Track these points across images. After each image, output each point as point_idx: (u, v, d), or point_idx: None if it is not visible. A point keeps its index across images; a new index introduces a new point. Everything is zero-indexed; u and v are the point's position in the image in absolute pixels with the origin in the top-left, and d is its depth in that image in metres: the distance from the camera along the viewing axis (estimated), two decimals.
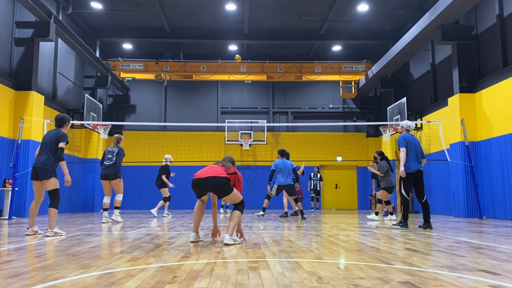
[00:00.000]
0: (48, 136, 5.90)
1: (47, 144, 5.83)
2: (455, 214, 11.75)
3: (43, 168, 5.71)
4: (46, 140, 5.87)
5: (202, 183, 4.85)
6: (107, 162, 8.60)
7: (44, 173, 5.70)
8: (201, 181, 4.84)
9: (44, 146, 5.83)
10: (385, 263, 3.38)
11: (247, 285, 2.57)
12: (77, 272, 2.97)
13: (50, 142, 5.82)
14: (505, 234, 6.16)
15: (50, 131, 5.98)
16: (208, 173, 4.86)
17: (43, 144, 5.87)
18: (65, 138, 5.84)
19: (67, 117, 6.12)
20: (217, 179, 4.82)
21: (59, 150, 5.78)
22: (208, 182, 4.83)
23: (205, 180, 4.84)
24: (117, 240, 5.23)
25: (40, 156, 5.81)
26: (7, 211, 10.34)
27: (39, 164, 5.73)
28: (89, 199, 15.90)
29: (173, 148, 17.83)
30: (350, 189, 19.47)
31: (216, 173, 4.86)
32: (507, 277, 2.83)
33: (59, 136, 5.84)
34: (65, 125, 6.07)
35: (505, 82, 10.53)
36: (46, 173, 5.71)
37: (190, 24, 16.32)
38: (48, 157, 5.77)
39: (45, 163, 5.72)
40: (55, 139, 5.84)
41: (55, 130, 5.96)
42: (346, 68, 18.03)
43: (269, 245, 4.64)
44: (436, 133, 13.21)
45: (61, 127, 6.04)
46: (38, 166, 5.73)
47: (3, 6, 11.24)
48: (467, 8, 10.80)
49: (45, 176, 5.70)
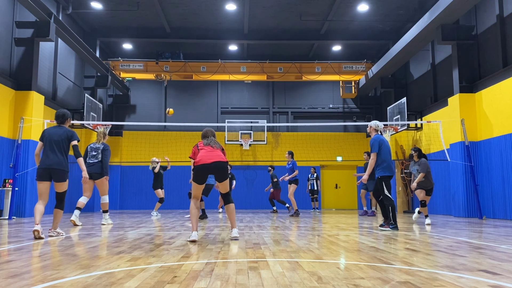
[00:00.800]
0: (56, 135, 5.59)
1: (58, 144, 5.54)
2: (455, 214, 11.75)
3: (60, 169, 5.49)
4: (55, 139, 5.55)
5: (208, 168, 5.04)
6: (91, 160, 7.96)
7: (61, 174, 5.50)
8: (208, 166, 5.02)
9: (55, 146, 5.53)
10: (385, 263, 3.38)
11: (247, 285, 2.57)
12: (77, 272, 2.97)
13: (61, 142, 5.56)
14: (505, 234, 6.16)
15: (54, 129, 5.68)
16: (212, 158, 5.05)
17: (52, 143, 5.54)
18: (77, 136, 5.71)
19: (68, 113, 5.91)
20: (222, 163, 5.08)
21: (75, 148, 5.64)
22: (213, 167, 5.05)
23: (211, 165, 5.04)
24: (117, 240, 5.23)
25: (54, 156, 5.50)
26: (7, 211, 10.34)
27: (55, 165, 5.47)
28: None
29: (173, 148, 17.82)
30: (350, 189, 19.47)
31: (220, 157, 5.09)
32: (507, 277, 2.83)
33: (70, 135, 5.64)
34: (67, 121, 5.85)
35: (505, 82, 10.52)
36: (63, 174, 5.52)
37: (190, 24, 16.32)
38: (64, 158, 5.56)
39: (61, 164, 5.50)
40: (65, 138, 5.60)
41: (61, 129, 5.68)
42: (346, 68, 18.03)
43: (269, 245, 4.64)
44: (436, 133, 13.21)
45: (63, 123, 5.79)
46: (54, 167, 5.47)
47: (3, 6, 11.24)
48: (467, 8, 10.80)
49: (63, 178, 5.52)
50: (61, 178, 5.52)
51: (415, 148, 8.64)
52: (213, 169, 5.06)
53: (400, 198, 16.02)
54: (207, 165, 5.01)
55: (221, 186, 5.21)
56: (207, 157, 5.05)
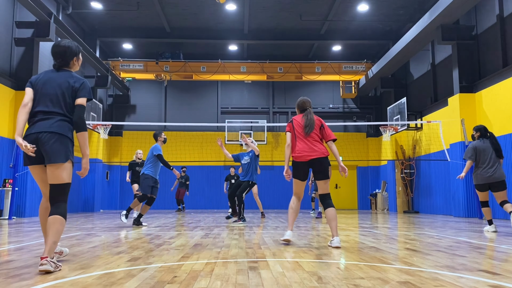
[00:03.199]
0: (52, 85, 3.23)
1: (53, 99, 3.20)
2: (455, 214, 11.75)
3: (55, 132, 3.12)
4: (50, 92, 3.21)
5: (308, 164, 4.67)
6: None
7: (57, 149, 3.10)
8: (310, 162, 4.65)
9: (50, 102, 3.19)
10: (385, 263, 3.38)
11: (247, 285, 2.57)
12: (77, 272, 2.97)
13: (60, 96, 3.21)
14: (505, 234, 6.16)
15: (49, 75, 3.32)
16: (312, 155, 4.65)
17: (45, 97, 3.21)
18: (88, 89, 3.29)
19: (74, 47, 3.40)
20: (323, 160, 4.67)
21: (78, 110, 3.20)
22: (315, 162, 4.64)
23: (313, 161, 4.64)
24: (117, 240, 5.23)
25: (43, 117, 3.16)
26: (7, 211, 10.34)
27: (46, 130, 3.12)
28: (89, 199, 15.89)
29: (173, 148, 17.82)
30: (350, 189, 19.47)
31: (321, 153, 4.68)
32: (507, 277, 2.83)
33: (76, 86, 3.25)
34: (72, 62, 3.41)
35: (505, 82, 10.52)
36: (60, 146, 3.11)
37: (190, 24, 16.32)
38: (62, 120, 3.19)
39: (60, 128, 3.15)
40: (67, 90, 3.23)
41: (62, 75, 3.30)
42: (346, 68, 18.03)
43: (269, 245, 4.63)
44: (436, 133, 13.21)
45: (66, 65, 3.38)
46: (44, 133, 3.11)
47: (3, 6, 11.24)
48: (467, 8, 10.80)
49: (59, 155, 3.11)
50: (56, 155, 3.10)
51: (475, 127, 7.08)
52: (314, 164, 4.65)
53: (400, 198, 16.02)
54: (308, 162, 4.62)
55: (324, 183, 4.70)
56: (306, 151, 4.63)
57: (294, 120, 4.85)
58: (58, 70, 3.37)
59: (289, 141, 4.77)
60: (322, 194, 4.69)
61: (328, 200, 4.62)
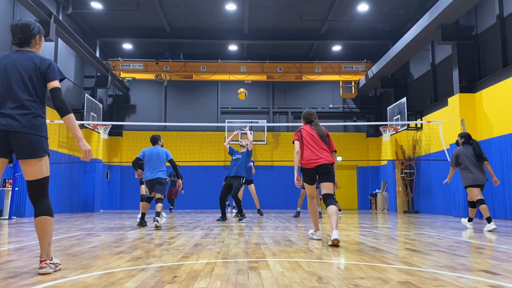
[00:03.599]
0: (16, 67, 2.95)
1: (20, 84, 2.92)
2: (455, 214, 11.74)
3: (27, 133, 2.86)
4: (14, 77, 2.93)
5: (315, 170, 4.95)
6: None
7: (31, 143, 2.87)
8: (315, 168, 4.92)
9: (17, 87, 2.91)
10: (385, 263, 3.38)
11: (247, 285, 2.57)
12: (77, 272, 2.97)
13: (27, 80, 2.94)
14: (505, 234, 6.16)
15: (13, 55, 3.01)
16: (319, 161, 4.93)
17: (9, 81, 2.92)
18: (57, 70, 3.09)
19: (35, 23, 3.11)
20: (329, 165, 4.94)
21: (54, 93, 3.00)
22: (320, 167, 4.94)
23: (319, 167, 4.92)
24: (117, 240, 5.23)
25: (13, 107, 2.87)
26: (7, 211, 10.34)
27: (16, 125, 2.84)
28: (89, 199, 15.89)
29: (173, 148, 17.81)
30: (350, 189, 19.47)
31: (327, 160, 4.94)
32: (507, 277, 2.83)
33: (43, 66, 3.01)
34: (34, 41, 3.10)
35: (505, 82, 10.52)
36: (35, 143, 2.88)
37: (190, 24, 16.32)
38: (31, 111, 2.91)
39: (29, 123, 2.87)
40: (35, 72, 2.98)
41: (26, 54, 3.01)
42: (346, 68, 18.03)
43: (269, 245, 4.63)
44: (436, 133, 13.21)
45: (27, 44, 3.07)
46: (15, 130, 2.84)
47: (3, 6, 11.24)
48: (467, 8, 10.80)
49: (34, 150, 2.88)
50: (31, 151, 2.87)
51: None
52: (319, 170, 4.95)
53: (400, 198, 16.02)
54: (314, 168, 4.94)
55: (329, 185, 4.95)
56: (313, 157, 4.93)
57: (303, 129, 5.18)
58: (18, 50, 3.03)
59: (298, 149, 5.08)
60: (325, 194, 4.89)
61: (331, 199, 4.84)
